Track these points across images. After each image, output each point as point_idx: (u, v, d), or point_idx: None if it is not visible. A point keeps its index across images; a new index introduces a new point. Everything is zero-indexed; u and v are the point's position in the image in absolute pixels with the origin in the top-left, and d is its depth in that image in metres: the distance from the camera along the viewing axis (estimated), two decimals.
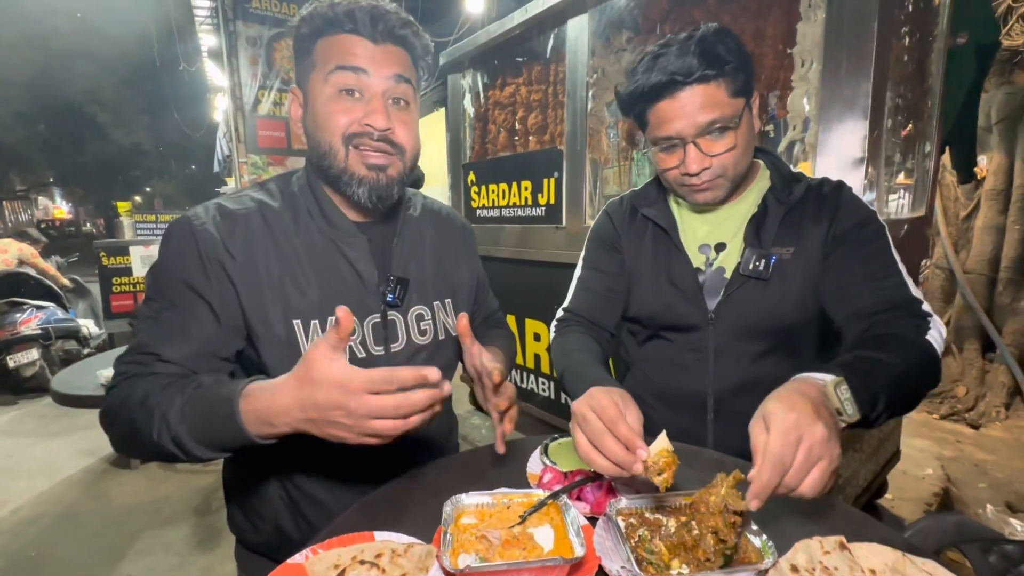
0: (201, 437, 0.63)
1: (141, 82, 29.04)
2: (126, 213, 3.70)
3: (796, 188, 0.90)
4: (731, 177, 0.87)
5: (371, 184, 0.77)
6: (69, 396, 1.37)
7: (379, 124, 0.74)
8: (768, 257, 0.87)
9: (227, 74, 4.32)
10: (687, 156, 0.85)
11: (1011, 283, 3.32)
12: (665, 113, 0.84)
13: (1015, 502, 2.34)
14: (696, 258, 0.96)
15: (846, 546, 0.57)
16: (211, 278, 0.72)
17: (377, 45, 0.74)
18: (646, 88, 0.84)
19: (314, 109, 0.76)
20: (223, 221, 0.75)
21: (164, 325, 0.71)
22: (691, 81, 0.80)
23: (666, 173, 0.91)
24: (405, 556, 0.58)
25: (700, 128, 0.82)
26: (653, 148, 0.90)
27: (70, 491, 2.63)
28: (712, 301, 0.93)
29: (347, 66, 0.73)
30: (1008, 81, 3.34)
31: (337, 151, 0.75)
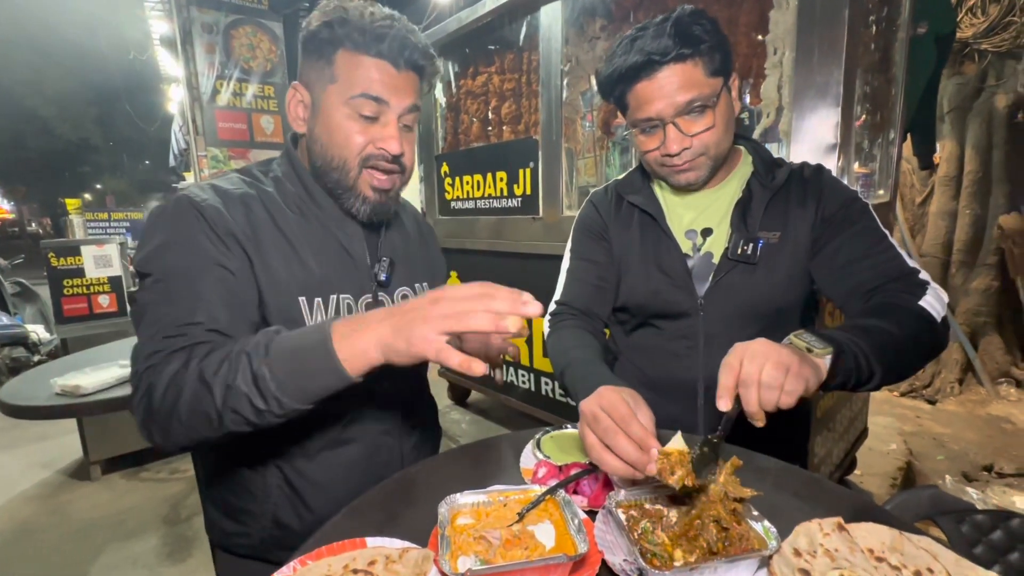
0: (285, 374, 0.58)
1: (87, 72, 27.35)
2: (76, 211, 3.47)
3: (779, 173, 0.91)
4: (712, 156, 0.88)
5: (374, 204, 0.80)
6: (21, 407, 1.27)
7: (394, 150, 0.77)
8: (756, 241, 0.88)
9: (182, 63, 4.10)
10: (667, 136, 0.85)
11: (963, 265, 3.50)
12: (644, 94, 0.84)
13: (971, 472, 2.48)
14: (683, 244, 0.95)
15: (844, 527, 0.57)
16: (229, 248, 0.71)
17: (399, 73, 0.77)
18: (623, 69, 0.84)
19: (329, 121, 0.77)
20: (223, 197, 0.74)
21: (192, 296, 0.66)
22: (668, 60, 0.81)
23: (647, 155, 0.91)
24: (400, 562, 0.55)
25: (679, 108, 0.83)
26: (634, 131, 0.91)
27: (25, 507, 2.47)
28: (701, 287, 0.93)
29: (372, 95, 0.75)
30: (958, 72, 3.50)
31: (350, 170, 0.77)
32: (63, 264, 2.74)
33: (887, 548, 0.55)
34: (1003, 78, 3.37)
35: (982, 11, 3.26)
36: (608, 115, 2.13)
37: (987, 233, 3.42)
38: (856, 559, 0.53)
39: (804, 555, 0.53)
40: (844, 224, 0.86)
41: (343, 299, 0.81)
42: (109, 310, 2.86)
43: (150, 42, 6.50)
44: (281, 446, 0.79)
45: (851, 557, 0.53)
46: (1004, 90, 3.33)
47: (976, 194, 3.43)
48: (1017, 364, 3.39)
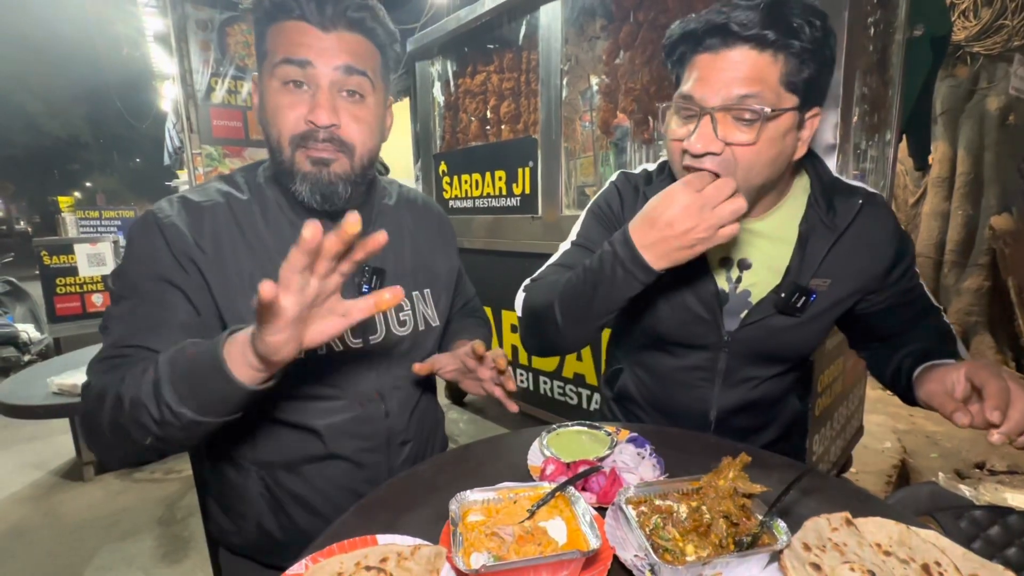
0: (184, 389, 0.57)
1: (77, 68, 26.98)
2: (68, 209, 3.43)
3: (841, 206, 0.78)
4: (748, 183, 0.71)
5: (313, 180, 0.72)
6: (17, 407, 1.26)
7: (322, 120, 0.69)
8: (809, 295, 0.78)
9: (176, 60, 4.06)
10: (697, 129, 0.69)
11: (955, 265, 3.55)
12: (701, 68, 0.69)
13: (963, 469, 2.51)
14: (717, 272, 0.84)
15: (852, 522, 0.58)
16: (186, 271, 0.69)
17: (327, 32, 0.68)
18: (695, 26, 0.69)
19: (264, 99, 0.72)
20: (189, 215, 0.72)
21: (141, 319, 0.67)
22: (744, 37, 0.65)
23: (671, 143, 0.75)
24: (412, 559, 0.55)
25: (728, 100, 0.67)
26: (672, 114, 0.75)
27: (17, 508, 2.44)
28: (732, 323, 0.84)
29: (292, 59, 0.68)
30: (951, 75, 3.54)
31: (283, 148, 0.71)
32: (56, 262, 2.71)
33: (895, 542, 0.56)
34: (995, 81, 3.41)
35: (974, 14, 3.30)
36: (607, 115, 2.14)
37: (979, 234, 3.46)
38: (865, 553, 0.54)
39: (814, 549, 0.54)
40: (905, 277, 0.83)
41: None
42: (102, 309, 2.83)
43: (143, 38, 6.43)
44: (262, 456, 0.78)
45: (860, 551, 0.54)
46: (996, 93, 3.38)
47: (968, 195, 3.47)
48: (1008, 363, 3.43)
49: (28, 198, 32.89)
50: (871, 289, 0.83)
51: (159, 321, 0.67)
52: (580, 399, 2.24)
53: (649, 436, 0.82)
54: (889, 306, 0.84)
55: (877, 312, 0.85)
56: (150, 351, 0.65)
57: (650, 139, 2.07)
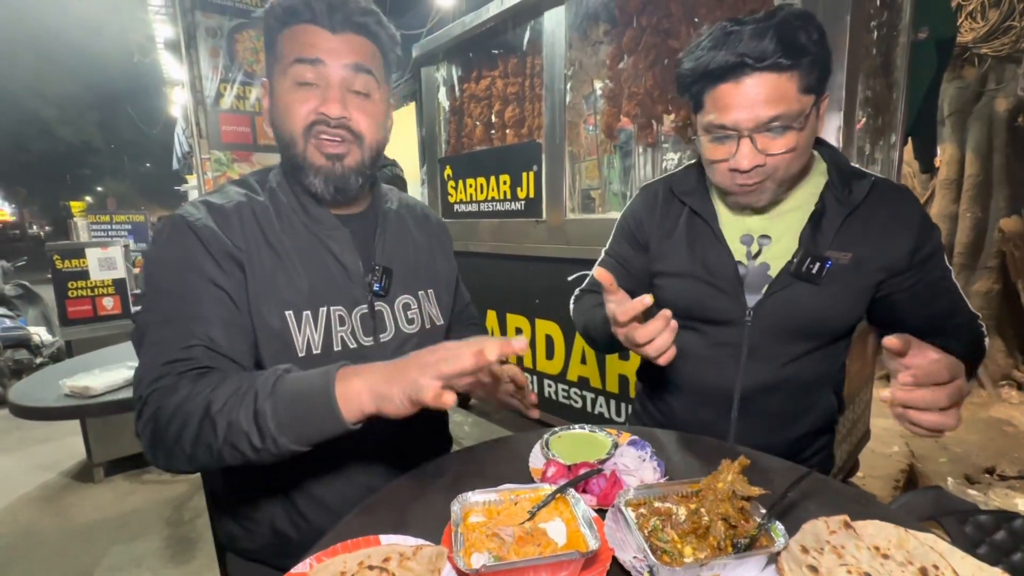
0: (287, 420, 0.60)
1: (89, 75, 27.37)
2: (80, 213, 3.49)
3: (856, 187, 0.83)
4: (779, 180, 0.80)
5: (327, 173, 0.77)
6: (29, 408, 1.28)
7: (334, 112, 0.74)
8: (825, 261, 0.81)
9: (185, 66, 4.12)
10: (740, 150, 0.77)
11: (964, 268, 3.51)
12: (725, 98, 0.75)
13: (973, 474, 2.49)
14: (737, 249, 0.89)
15: (850, 525, 0.58)
16: (225, 270, 0.71)
17: (336, 34, 0.74)
18: (711, 66, 0.75)
19: (276, 102, 0.76)
20: (216, 215, 0.75)
21: (188, 319, 0.68)
22: (762, 67, 0.72)
23: (713, 165, 0.83)
24: (414, 559, 0.56)
25: (760, 123, 0.74)
26: (702, 136, 0.82)
27: (28, 509, 2.48)
28: (752, 297, 0.87)
29: (304, 58, 0.73)
30: (959, 76, 3.52)
31: (297, 141, 0.75)
32: (68, 266, 2.75)
33: (893, 545, 0.56)
34: (1003, 82, 3.39)
35: (982, 16, 3.29)
36: (611, 119, 2.14)
37: (988, 236, 3.43)
38: (862, 556, 0.54)
39: (812, 552, 0.54)
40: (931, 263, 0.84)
41: (335, 311, 0.79)
42: (113, 312, 2.87)
43: (153, 45, 6.54)
44: None
45: (858, 554, 0.54)
46: (1004, 94, 3.35)
47: (977, 197, 3.44)
48: (1018, 367, 3.39)
49: (41, 203, 33.38)
50: (896, 270, 0.83)
51: (210, 319, 0.69)
52: (584, 402, 2.24)
53: (650, 439, 0.83)
54: (916, 293, 0.84)
55: (904, 298, 0.85)
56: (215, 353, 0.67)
57: (654, 142, 2.07)
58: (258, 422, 0.59)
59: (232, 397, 0.61)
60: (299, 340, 0.76)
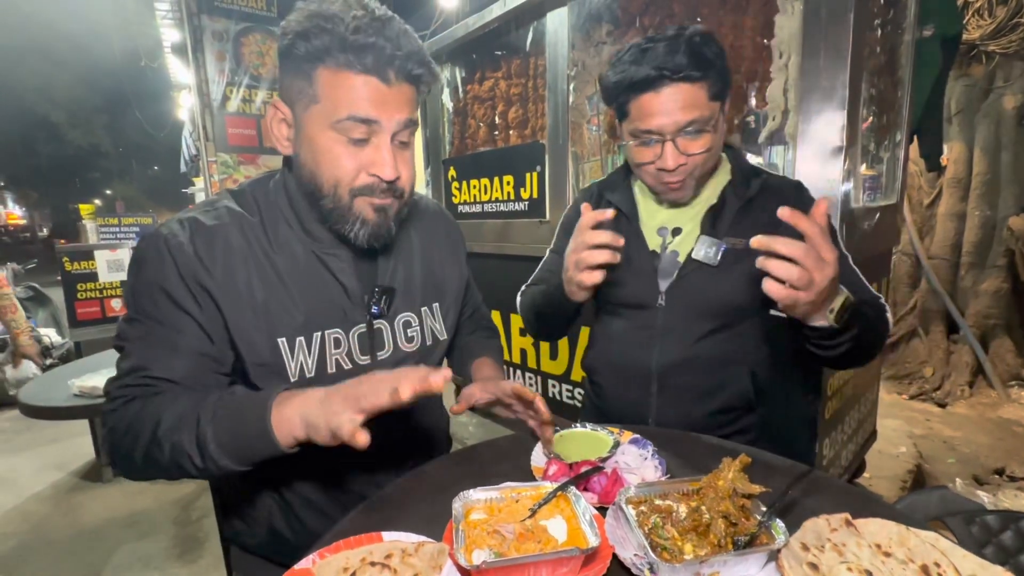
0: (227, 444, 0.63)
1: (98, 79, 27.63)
2: (89, 216, 3.53)
3: (753, 183, 0.96)
4: (698, 177, 0.93)
5: (373, 227, 0.74)
6: (39, 408, 1.30)
7: (387, 176, 0.70)
8: (719, 246, 0.93)
9: (192, 70, 4.16)
10: (665, 152, 0.88)
11: (972, 267, 3.48)
12: (648, 107, 0.87)
13: (981, 475, 2.46)
14: (653, 240, 1.01)
15: (851, 523, 0.58)
16: (195, 296, 0.69)
17: (390, 88, 0.68)
18: (635, 79, 0.86)
19: (314, 146, 0.70)
20: (200, 238, 0.70)
21: (157, 344, 0.69)
22: (677, 78, 0.84)
23: (641, 167, 0.94)
24: (416, 555, 0.57)
25: (680, 126, 0.86)
26: (630, 141, 0.93)
27: (39, 508, 2.51)
28: (664, 283, 0.98)
29: (360, 118, 0.67)
30: (966, 74, 3.49)
31: (340, 195, 0.71)
32: (77, 268, 2.79)
33: (894, 543, 0.56)
34: (1011, 79, 3.36)
35: (989, 13, 3.26)
36: (614, 119, 2.14)
37: (996, 235, 3.40)
38: (863, 554, 0.54)
39: (812, 549, 0.54)
40: None
41: (330, 335, 0.77)
42: (122, 314, 2.90)
43: (161, 49, 6.59)
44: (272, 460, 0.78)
45: (859, 552, 0.54)
46: (1012, 91, 3.32)
47: (985, 196, 3.41)
48: None
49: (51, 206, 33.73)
50: None
51: (175, 348, 0.69)
52: None
53: (652, 437, 0.83)
54: None
55: None
56: (171, 382, 0.68)
57: None
58: (199, 444, 0.62)
59: (177, 420, 0.63)
60: (292, 366, 0.74)
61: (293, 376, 0.75)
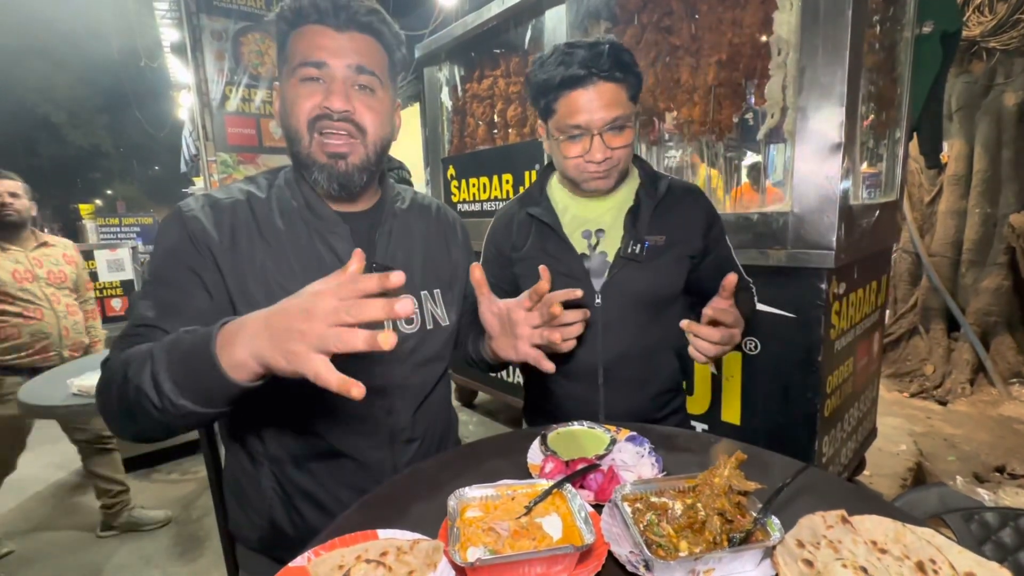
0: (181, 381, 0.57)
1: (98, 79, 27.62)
2: (89, 216, 3.54)
3: (660, 184, 1.05)
4: (621, 170, 1.01)
5: (330, 171, 0.78)
6: (38, 407, 1.30)
7: (337, 106, 0.75)
8: (643, 242, 1.01)
9: (192, 70, 4.16)
10: (593, 146, 0.95)
11: (973, 264, 3.48)
12: (576, 103, 0.93)
13: (982, 473, 2.46)
14: (579, 243, 1.06)
15: (847, 519, 0.58)
16: (204, 259, 0.74)
17: (341, 33, 0.76)
18: (565, 77, 0.92)
19: (284, 100, 0.79)
20: (211, 210, 0.77)
21: (160, 302, 0.72)
22: (603, 76, 0.91)
23: (567, 161, 0.99)
24: (411, 553, 0.57)
25: (606, 122, 0.93)
26: (559, 137, 0.98)
27: (40, 507, 2.52)
28: (598, 282, 1.04)
29: (310, 61, 0.75)
30: (966, 71, 3.48)
31: (302, 136, 0.77)
32: None
33: (890, 540, 0.56)
34: (1012, 76, 3.35)
35: (990, 9, 3.25)
36: None
37: (997, 232, 3.39)
38: (859, 551, 0.54)
39: (808, 546, 0.54)
40: (722, 243, 1.09)
41: None
42: (121, 313, 2.91)
43: (160, 49, 6.60)
44: (272, 451, 0.80)
45: (854, 548, 0.54)
46: (1013, 88, 3.31)
47: (985, 193, 3.40)
48: None
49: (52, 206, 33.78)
50: (698, 248, 1.05)
51: (175, 304, 0.72)
52: None
53: (648, 435, 0.83)
54: (711, 267, 1.07)
55: (704, 273, 1.07)
56: (162, 331, 0.68)
57: (656, 140, 2.07)
58: (155, 384, 0.58)
59: (137, 361, 0.61)
60: None
61: None
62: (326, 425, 0.81)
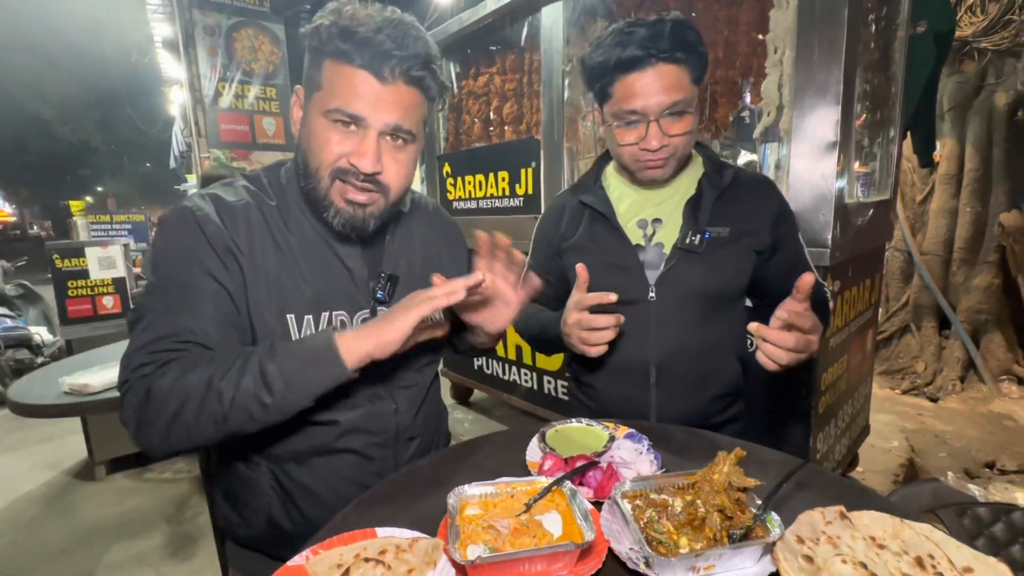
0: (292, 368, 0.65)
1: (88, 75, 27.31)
2: (80, 213, 3.49)
3: (726, 173, 0.98)
4: (679, 158, 0.94)
5: (347, 217, 0.76)
6: (30, 406, 1.29)
7: (366, 168, 0.71)
8: (703, 233, 0.95)
9: (184, 65, 4.12)
10: (649, 132, 0.89)
11: (964, 263, 3.51)
12: (633, 87, 0.87)
13: (972, 469, 2.49)
14: (634, 234, 1.01)
15: (846, 515, 0.59)
16: (226, 265, 0.72)
17: (384, 86, 0.70)
18: (622, 58, 0.86)
19: (309, 128, 0.74)
20: (224, 211, 0.74)
21: (186, 311, 0.69)
22: (664, 58, 0.84)
23: (622, 148, 0.94)
24: (410, 551, 0.56)
25: (664, 107, 0.87)
26: (613, 123, 0.93)
27: (31, 508, 2.49)
28: (653, 275, 0.98)
29: (346, 112, 0.69)
30: (958, 71, 3.51)
31: (322, 179, 0.73)
32: (67, 265, 2.74)
33: (888, 536, 0.56)
34: (1003, 76, 3.38)
35: (981, 9, 3.27)
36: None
37: (988, 231, 3.42)
38: (858, 546, 0.54)
39: (807, 542, 0.54)
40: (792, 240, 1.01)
41: (336, 316, 0.79)
42: (113, 311, 2.87)
43: (152, 45, 6.53)
44: (271, 448, 0.79)
45: (853, 544, 0.55)
46: (1004, 88, 3.34)
47: (977, 192, 3.43)
48: (1019, 361, 3.39)
49: (41, 203, 33.37)
50: (765, 242, 0.98)
51: (205, 315, 0.70)
52: None
53: (647, 432, 0.83)
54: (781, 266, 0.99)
55: (773, 271, 1.00)
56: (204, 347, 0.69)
57: None
58: (266, 380, 0.64)
59: (232, 368, 0.65)
60: None
61: None
62: (333, 424, 0.80)
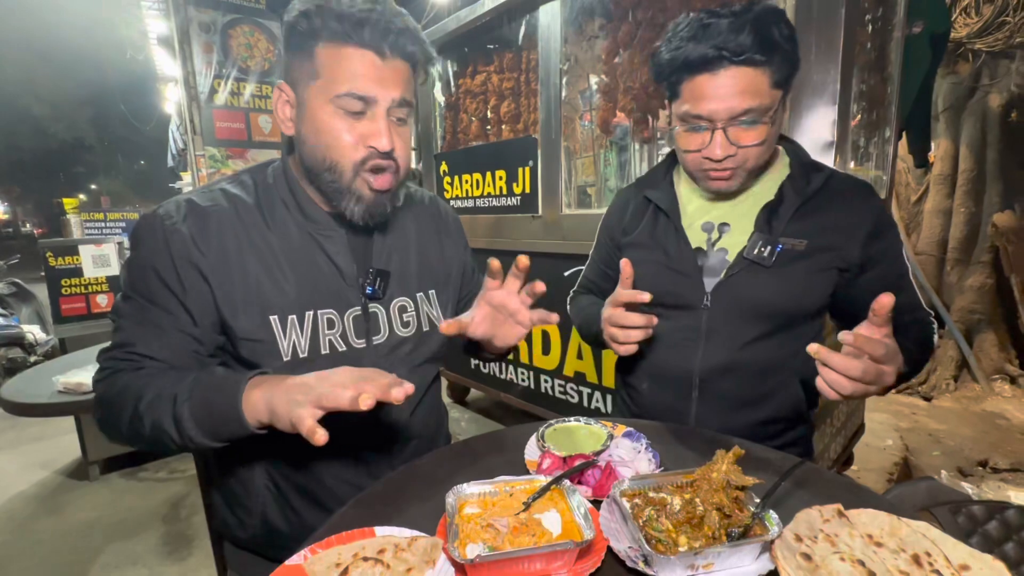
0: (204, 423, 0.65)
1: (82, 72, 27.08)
2: (73, 211, 3.46)
3: (814, 179, 0.87)
4: (749, 169, 0.84)
5: (369, 204, 0.76)
6: (23, 405, 1.27)
7: (383, 146, 0.72)
8: (775, 245, 0.85)
9: (179, 63, 4.08)
10: (713, 140, 0.80)
11: (958, 263, 3.53)
12: (701, 89, 0.78)
13: (966, 467, 2.51)
14: (697, 237, 0.93)
15: (844, 513, 0.59)
16: (184, 280, 0.71)
17: (385, 62, 0.71)
18: (690, 58, 0.77)
19: (314, 121, 0.72)
20: (194, 219, 0.73)
21: (146, 323, 0.72)
22: (738, 61, 0.75)
23: (686, 154, 0.86)
24: (409, 550, 0.56)
25: (734, 114, 0.77)
26: (678, 125, 0.85)
27: (24, 507, 2.47)
28: (711, 282, 0.91)
29: (357, 95, 0.70)
30: (953, 72, 3.53)
31: (344, 172, 0.73)
32: (61, 264, 2.72)
33: (886, 533, 0.56)
34: (997, 77, 3.40)
35: (976, 11, 3.30)
36: (607, 114, 2.14)
37: (982, 231, 3.45)
38: (855, 544, 0.55)
39: (805, 540, 0.55)
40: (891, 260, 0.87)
41: (323, 315, 0.78)
42: (107, 309, 2.85)
43: (146, 41, 6.48)
44: (268, 450, 0.79)
45: (851, 542, 0.55)
46: (998, 89, 3.37)
47: (971, 192, 3.46)
48: (1011, 361, 3.42)
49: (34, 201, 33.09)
50: (851, 261, 0.85)
51: (161, 328, 0.72)
52: (581, 397, 2.25)
53: (645, 431, 0.83)
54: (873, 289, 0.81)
55: (861, 293, 0.84)
56: (154, 360, 0.71)
57: (650, 137, 2.07)
58: (176, 421, 0.65)
59: (157, 397, 0.66)
60: (284, 344, 0.75)
61: (286, 355, 0.75)
62: (328, 426, 0.80)
